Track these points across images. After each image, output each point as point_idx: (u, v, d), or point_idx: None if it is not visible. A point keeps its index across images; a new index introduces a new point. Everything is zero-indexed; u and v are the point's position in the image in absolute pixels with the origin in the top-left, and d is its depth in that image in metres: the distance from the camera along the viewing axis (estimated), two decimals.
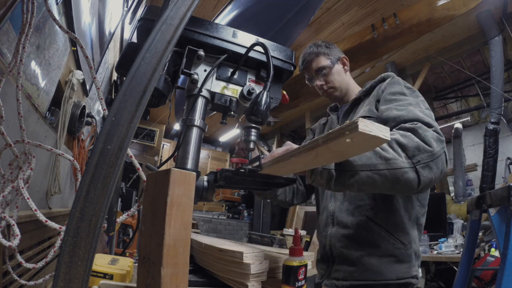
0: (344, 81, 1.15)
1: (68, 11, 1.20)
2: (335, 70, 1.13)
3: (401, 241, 0.92)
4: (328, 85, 1.14)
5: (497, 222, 1.37)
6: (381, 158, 0.68)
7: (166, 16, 0.47)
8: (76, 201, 0.35)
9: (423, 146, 0.72)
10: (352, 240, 0.95)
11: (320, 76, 1.14)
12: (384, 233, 0.92)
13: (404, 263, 0.91)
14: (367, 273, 0.91)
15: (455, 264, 2.96)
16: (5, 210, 0.67)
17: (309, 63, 1.15)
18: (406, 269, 0.91)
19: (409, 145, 0.71)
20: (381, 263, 0.90)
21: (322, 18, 3.87)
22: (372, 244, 0.92)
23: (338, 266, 0.96)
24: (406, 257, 0.92)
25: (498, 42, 3.73)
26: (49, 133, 1.29)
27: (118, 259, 0.87)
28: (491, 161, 3.85)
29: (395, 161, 0.69)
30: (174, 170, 0.50)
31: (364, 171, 0.67)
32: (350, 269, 0.93)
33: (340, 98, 1.17)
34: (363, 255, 0.92)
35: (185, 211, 0.50)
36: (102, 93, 0.72)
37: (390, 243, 0.91)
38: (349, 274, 0.93)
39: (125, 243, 3.48)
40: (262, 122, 0.76)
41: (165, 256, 0.47)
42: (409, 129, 0.76)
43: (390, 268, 0.90)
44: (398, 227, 0.92)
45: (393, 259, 0.91)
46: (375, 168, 0.68)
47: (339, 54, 1.16)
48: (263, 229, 6.73)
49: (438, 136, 0.76)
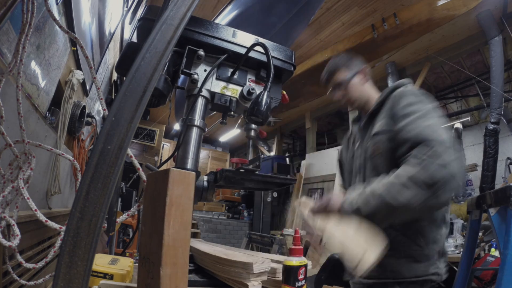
0: (363, 92, 1.20)
1: (68, 11, 1.20)
2: (353, 83, 1.19)
3: (417, 244, 0.97)
4: (347, 98, 1.20)
5: (497, 222, 1.37)
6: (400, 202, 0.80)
7: (166, 16, 0.47)
8: (76, 201, 0.35)
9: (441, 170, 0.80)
10: None
11: (339, 90, 1.20)
12: (400, 237, 0.98)
13: (421, 262, 0.97)
14: (386, 273, 0.98)
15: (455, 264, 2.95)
16: (5, 210, 0.67)
17: (330, 78, 1.22)
18: (424, 268, 0.97)
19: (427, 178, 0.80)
20: (399, 263, 0.97)
21: (322, 18, 3.87)
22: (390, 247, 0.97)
23: None
24: (423, 257, 0.97)
25: (498, 42, 3.72)
26: (49, 133, 1.29)
27: (118, 259, 0.87)
28: (491, 161, 3.84)
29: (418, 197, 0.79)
30: (173, 170, 0.50)
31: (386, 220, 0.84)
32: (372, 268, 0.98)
33: (361, 107, 1.22)
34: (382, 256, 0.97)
35: (185, 211, 0.50)
36: (102, 93, 0.72)
37: (406, 246, 0.98)
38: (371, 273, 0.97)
39: (125, 243, 3.48)
40: (262, 122, 0.76)
41: (164, 256, 0.46)
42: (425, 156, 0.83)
43: (407, 267, 0.97)
44: (414, 231, 0.98)
45: (411, 260, 0.97)
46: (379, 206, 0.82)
47: (359, 66, 1.21)
48: (263, 229, 6.72)
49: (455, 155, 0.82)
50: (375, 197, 0.84)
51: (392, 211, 0.83)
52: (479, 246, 2.97)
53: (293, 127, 7.20)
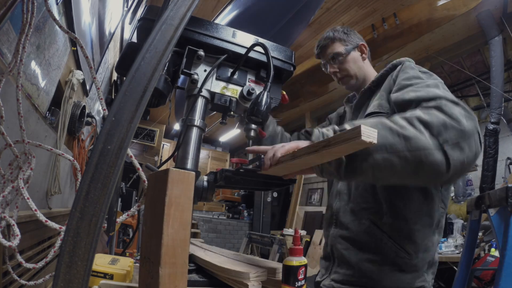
0: (361, 69, 1.08)
1: (68, 11, 1.20)
2: (351, 58, 1.06)
3: (405, 250, 0.83)
4: (343, 73, 1.07)
5: (496, 222, 1.37)
6: (399, 137, 0.59)
7: (166, 16, 0.47)
8: (76, 201, 0.35)
9: (451, 123, 0.61)
10: (352, 243, 0.90)
11: (334, 63, 1.08)
12: (386, 239, 0.84)
13: (407, 273, 0.83)
14: (364, 279, 0.85)
15: (455, 264, 2.95)
16: (5, 210, 0.67)
17: (324, 49, 1.09)
18: (410, 280, 0.83)
19: (433, 122, 0.61)
20: (381, 271, 0.84)
21: (322, 18, 3.87)
22: (373, 250, 0.86)
23: (338, 268, 0.93)
24: (411, 267, 0.83)
25: (498, 42, 3.72)
26: (49, 133, 1.29)
27: (118, 259, 0.87)
28: (491, 161, 3.85)
29: (417, 140, 0.59)
30: (172, 170, 0.50)
31: (380, 153, 0.58)
32: (348, 272, 0.89)
33: (356, 86, 1.10)
34: (362, 260, 0.86)
35: (184, 211, 0.50)
36: (102, 93, 0.72)
37: (392, 251, 0.84)
38: (346, 278, 0.89)
39: (125, 243, 3.48)
40: (262, 122, 0.76)
41: (163, 256, 0.46)
42: (433, 106, 0.66)
43: (390, 277, 0.83)
44: (403, 235, 0.84)
45: (395, 268, 0.83)
46: (393, 149, 0.58)
47: (357, 40, 1.09)
48: (263, 229, 6.72)
49: (467, 114, 0.64)
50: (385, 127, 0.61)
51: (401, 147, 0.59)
52: (479, 246, 2.97)
53: (293, 127, 7.20)
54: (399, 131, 0.59)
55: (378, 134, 0.53)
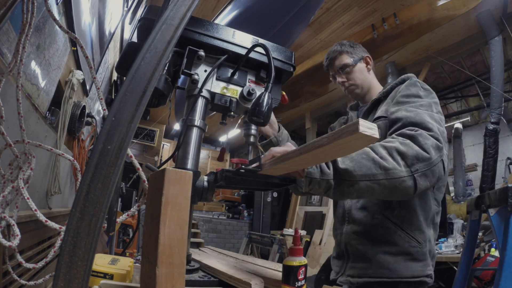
0: (367, 79, 1.17)
1: (68, 11, 1.20)
2: (357, 68, 1.16)
3: (416, 240, 0.92)
4: (350, 82, 1.16)
5: (496, 222, 1.37)
6: (381, 168, 0.71)
7: (166, 16, 0.47)
8: (76, 201, 0.35)
9: (422, 154, 0.75)
10: (367, 238, 0.96)
11: (342, 73, 1.17)
12: (400, 231, 0.93)
13: (419, 261, 0.92)
14: (381, 270, 0.92)
15: (455, 264, 2.95)
16: (5, 210, 0.67)
17: (332, 61, 1.19)
18: (421, 268, 0.92)
19: (408, 154, 0.74)
20: (396, 261, 0.91)
21: (322, 18, 3.87)
22: (388, 242, 0.93)
23: (353, 263, 0.98)
24: (422, 255, 0.92)
25: (498, 42, 3.73)
26: (49, 133, 1.29)
27: (118, 259, 0.87)
28: (491, 161, 3.85)
29: (394, 171, 0.72)
30: (168, 170, 0.49)
31: (364, 181, 0.70)
32: (365, 265, 0.95)
33: (361, 96, 1.18)
34: (378, 252, 0.93)
35: (181, 211, 0.49)
36: (102, 93, 0.72)
37: (405, 241, 0.92)
38: (363, 271, 0.94)
39: (125, 243, 3.48)
40: (263, 123, 0.76)
41: (160, 256, 0.46)
42: (410, 136, 0.79)
43: (405, 266, 0.91)
44: (414, 226, 0.93)
45: (409, 257, 0.92)
46: (375, 178, 0.71)
47: (362, 53, 1.19)
48: (263, 229, 6.72)
49: (437, 144, 0.79)
50: (368, 158, 0.72)
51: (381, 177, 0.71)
52: (479, 246, 2.97)
53: (293, 127, 7.20)
54: (381, 163, 0.72)
55: (363, 165, 0.70)
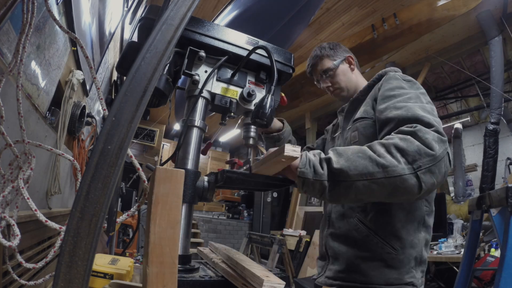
0: (351, 80, 1.14)
1: (68, 11, 1.20)
2: (340, 71, 1.13)
3: (391, 246, 0.87)
4: (335, 86, 1.14)
5: (498, 223, 1.37)
6: (378, 166, 0.67)
7: (167, 16, 0.47)
8: (76, 201, 0.35)
9: (424, 149, 0.68)
10: (343, 241, 0.95)
11: (325, 78, 1.14)
12: (373, 236, 0.88)
13: (395, 269, 0.86)
14: (354, 275, 0.89)
15: (455, 264, 2.96)
16: (5, 210, 0.67)
17: (315, 67, 1.16)
18: (397, 275, 0.86)
19: (409, 150, 0.68)
20: (369, 267, 0.87)
21: (322, 18, 3.88)
22: (362, 246, 0.90)
23: (331, 265, 0.98)
24: (397, 262, 0.86)
25: (498, 42, 3.73)
26: (49, 133, 1.29)
27: (118, 259, 0.87)
28: (491, 161, 3.85)
29: (393, 169, 0.66)
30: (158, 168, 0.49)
31: (360, 181, 0.66)
32: (339, 269, 0.93)
33: (348, 98, 1.15)
34: (352, 256, 0.91)
35: (172, 209, 0.49)
36: (102, 93, 0.72)
37: (379, 247, 0.87)
38: (337, 274, 0.93)
39: (125, 243, 3.48)
40: (267, 125, 0.76)
41: (150, 255, 0.46)
42: (409, 132, 0.73)
43: (378, 273, 0.86)
44: (388, 231, 0.88)
45: (382, 264, 0.87)
46: (372, 177, 0.66)
47: (344, 53, 1.15)
48: (263, 229, 6.72)
49: (439, 137, 0.72)
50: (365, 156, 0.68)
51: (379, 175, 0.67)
52: (479, 246, 2.97)
53: (293, 127, 7.16)
54: (378, 160, 0.67)
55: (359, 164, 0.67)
